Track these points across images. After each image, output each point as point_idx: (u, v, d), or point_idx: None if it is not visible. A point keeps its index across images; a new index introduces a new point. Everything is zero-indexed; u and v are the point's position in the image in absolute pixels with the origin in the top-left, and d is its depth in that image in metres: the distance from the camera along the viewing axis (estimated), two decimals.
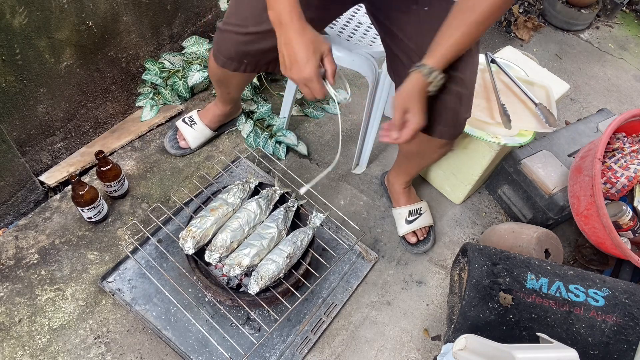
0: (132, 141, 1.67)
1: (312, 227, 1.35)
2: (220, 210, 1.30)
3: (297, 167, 1.72)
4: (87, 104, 1.54)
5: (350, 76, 2.02)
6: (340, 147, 1.07)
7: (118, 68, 1.59)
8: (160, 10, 1.61)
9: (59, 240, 1.42)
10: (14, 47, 1.21)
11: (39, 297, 1.31)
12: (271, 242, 1.27)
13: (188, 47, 1.73)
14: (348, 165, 1.76)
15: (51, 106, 1.42)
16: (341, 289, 1.45)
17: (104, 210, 1.44)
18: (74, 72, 1.42)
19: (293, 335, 1.34)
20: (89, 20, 1.38)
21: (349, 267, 1.49)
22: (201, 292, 1.35)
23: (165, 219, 1.42)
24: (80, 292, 1.33)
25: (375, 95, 1.51)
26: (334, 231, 1.51)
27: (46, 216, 1.46)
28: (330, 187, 1.69)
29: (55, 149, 1.52)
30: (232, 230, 1.26)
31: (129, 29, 1.53)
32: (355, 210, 1.65)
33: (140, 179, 1.58)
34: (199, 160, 1.66)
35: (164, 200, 1.53)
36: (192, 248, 1.24)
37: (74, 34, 1.35)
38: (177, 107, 1.78)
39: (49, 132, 1.47)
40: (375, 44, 1.41)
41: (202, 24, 1.82)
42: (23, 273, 1.34)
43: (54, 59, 1.34)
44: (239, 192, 1.35)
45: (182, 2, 1.68)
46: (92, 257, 1.40)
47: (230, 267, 1.21)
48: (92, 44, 1.43)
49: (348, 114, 1.93)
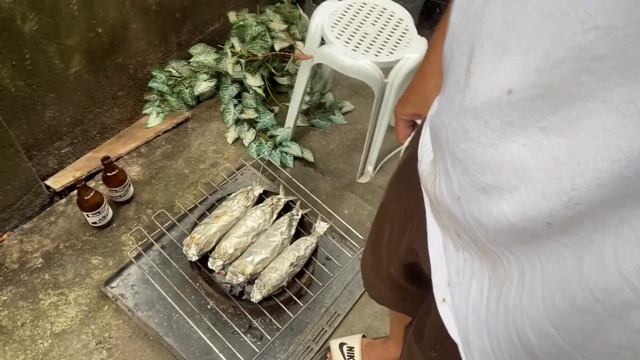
0: (138, 147, 1.68)
1: (316, 235, 1.35)
2: (224, 217, 1.30)
3: (302, 175, 1.72)
4: (94, 110, 1.55)
5: (356, 86, 2.03)
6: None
7: (126, 74, 1.60)
8: (169, 18, 1.63)
9: (64, 244, 1.42)
10: (23, 53, 1.22)
11: (42, 301, 1.31)
12: (275, 250, 1.27)
13: (196, 55, 1.74)
14: (353, 174, 1.76)
15: (59, 111, 1.43)
16: (344, 299, 1.44)
17: (108, 216, 1.44)
18: (82, 78, 1.44)
19: (295, 345, 1.33)
20: (99, 27, 1.39)
21: (352, 277, 1.48)
22: (204, 299, 1.34)
23: (169, 225, 1.42)
24: (83, 296, 1.33)
25: (381, 105, 1.51)
26: (338, 240, 1.50)
27: (51, 220, 1.46)
28: (334, 196, 1.69)
29: (61, 154, 1.53)
30: (236, 237, 1.26)
31: (137, 36, 1.55)
32: (360, 220, 1.64)
33: (146, 184, 1.59)
34: (204, 167, 1.67)
35: (168, 207, 1.54)
36: (195, 255, 1.24)
37: (84, 40, 1.37)
38: (184, 113, 1.79)
39: (56, 136, 1.48)
40: (381, 54, 1.42)
41: (210, 32, 1.83)
42: (27, 277, 1.35)
43: (63, 65, 1.35)
44: (244, 200, 1.35)
45: (190, 11, 1.69)
46: (95, 262, 1.40)
47: (233, 274, 1.21)
48: (101, 50, 1.45)
49: (354, 123, 1.94)
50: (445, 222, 0.48)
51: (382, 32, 1.47)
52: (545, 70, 0.30)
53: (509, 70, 0.32)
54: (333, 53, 1.40)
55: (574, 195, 0.30)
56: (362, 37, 1.45)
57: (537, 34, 0.30)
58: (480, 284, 0.43)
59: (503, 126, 0.34)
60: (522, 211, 0.33)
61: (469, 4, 0.37)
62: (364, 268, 0.96)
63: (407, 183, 0.61)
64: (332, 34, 1.43)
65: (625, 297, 0.29)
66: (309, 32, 1.47)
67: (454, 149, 0.39)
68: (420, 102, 0.74)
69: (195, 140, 1.75)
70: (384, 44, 1.44)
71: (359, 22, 1.49)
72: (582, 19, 0.27)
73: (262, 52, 1.71)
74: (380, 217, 0.82)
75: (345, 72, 1.41)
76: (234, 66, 1.69)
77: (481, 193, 0.37)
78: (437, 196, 0.46)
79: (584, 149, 0.29)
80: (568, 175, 0.30)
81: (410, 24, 1.51)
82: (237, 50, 1.71)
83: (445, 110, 0.41)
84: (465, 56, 0.37)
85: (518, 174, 0.33)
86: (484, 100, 0.35)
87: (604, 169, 0.28)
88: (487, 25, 0.34)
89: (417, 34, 1.49)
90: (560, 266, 0.33)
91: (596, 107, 0.28)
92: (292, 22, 1.80)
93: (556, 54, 0.29)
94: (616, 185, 0.28)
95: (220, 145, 1.74)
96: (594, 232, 0.30)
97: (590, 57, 0.27)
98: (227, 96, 1.77)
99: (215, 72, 1.78)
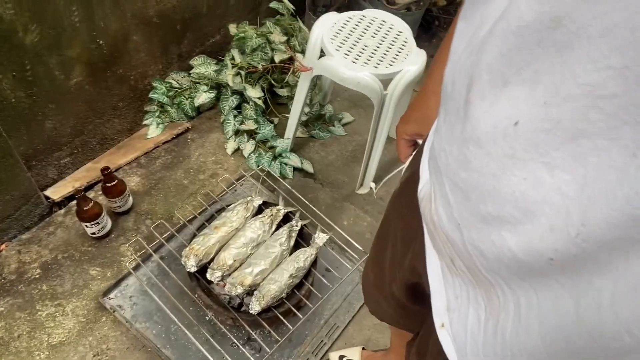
0: (138, 158, 1.68)
1: (315, 247, 1.35)
2: (223, 228, 1.30)
3: (301, 186, 1.72)
4: (94, 120, 1.56)
5: (355, 97, 2.04)
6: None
7: (126, 85, 1.61)
8: (170, 30, 1.64)
9: (62, 255, 1.41)
10: (24, 64, 1.23)
11: (39, 312, 1.30)
12: (274, 261, 1.26)
13: (196, 66, 1.75)
14: (352, 185, 1.76)
15: (59, 122, 1.43)
16: (344, 311, 1.43)
17: (107, 226, 1.44)
18: (83, 89, 1.44)
19: (294, 357, 1.32)
20: (100, 39, 1.40)
21: (352, 289, 1.48)
22: (202, 311, 1.33)
23: (168, 236, 1.42)
24: (80, 308, 1.33)
25: (380, 117, 1.52)
26: (337, 252, 1.50)
27: (50, 231, 1.46)
28: (334, 207, 1.69)
29: (61, 164, 1.53)
30: (235, 248, 1.26)
31: (138, 47, 1.56)
32: (359, 231, 1.64)
33: (145, 195, 1.59)
34: (204, 177, 1.67)
35: (167, 217, 1.54)
36: (194, 266, 1.23)
37: (85, 52, 1.38)
38: (184, 124, 1.79)
39: (56, 147, 1.48)
40: (381, 66, 1.42)
41: (211, 44, 1.85)
42: (24, 288, 1.34)
43: (63, 76, 1.36)
44: (243, 211, 1.35)
45: (191, 23, 1.71)
46: (94, 273, 1.39)
47: (232, 286, 1.21)
48: (102, 61, 1.46)
49: (353, 135, 1.94)
50: (440, 247, 0.47)
51: (382, 45, 1.48)
52: (554, 104, 0.29)
53: (514, 102, 0.32)
54: (333, 65, 1.41)
55: (582, 231, 0.29)
56: (362, 50, 1.46)
57: (541, 69, 0.30)
58: (477, 311, 0.43)
59: (505, 158, 0.33)
60: (527, 244, 0.33)
61: (472, 33, 0.37)
62: (365, 284, 0.95)
63: (410, 200, 0.61)
64: (332, 46, 1.44)
65: (624, 343, 0.29)
66: (308, 44, 1.48)
67: (455, 176, 0.39)
68: (423, 120, 0.74)
69: (195, 151, 1.75)
70: (383, 56, 1.45)
71: (359, 35, 1.50)
72: (594, 57, 0.27)
73: (262, 64, 1.72)
74: (383, 233, 0.81)
75: (344, 83, 1.42)
76: (234, 77, 1.70)
77: (482, 222, 0.37)
78: (434, 221, 0.45)
79: (594, 186, 0.28)
80: (579, 210, 0.29)
81: (409, 36, 1.52)
82: (238, 62, 1.72)
83: (446, 137, 0.41)
84: (465, 86, 0.37)
85: (520, 207, 0.33)
86: (487, 130, 0.34)
87: (617, 207, 0.27)
88: (487, 57, 0.34)
89: (416, 46, 1.50)
90: (557, 303, 0.33)
91: (604, 145, 0.27)
92: (292, 35, 1.81)
93: (566, 89, 0.29)
94: (627, 226, 0.27)
95: (219, 156, 1.75)
96: (595, 276, 0.30)
97: (601, 95, 0.27)
98: (227, 107, 1.77)
99: (215, 83, 1.79)
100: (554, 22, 0.28)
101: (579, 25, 0.27)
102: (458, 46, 0.40)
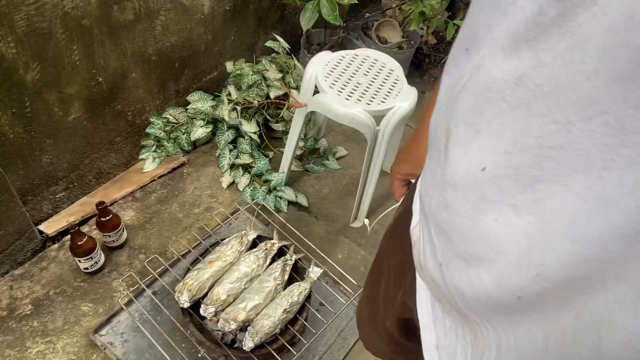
0: (134, 192, 1.69)
1: (309, 281, 1.34)
2: (217, 263, 1.30)
3: (295, 219, 1.73)
4: (91, 155, 1.57)
5: (349, 132, 2.08)
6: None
7: (124, 121, 1.64)
8: (168, 68, 1.68)
9: (54, 291, 1.40)
10: (24, 101, 1.25)
11: (29, 349, 1.28)
12: (268, 296, 1.26)
13: (193, 102, 1.79)
14: (346, 218, 1.77)
15: (56, 157, 1.45)
16: (338, 346, 1.42)
17: (100, 261, 1.43)
18: (80, 125, 1.47)
19: None
20: (99, 76, 1.43)
21: (346, 324, 1.46)
22: (195, 348, 1.32)
23: (161, 271, 1.41)
24: (71, 345, 1.31)
25: (373, 151, 1.54)
26: (331, 285, 1.49)
27: (42, 266, 1.45)
28: (328, 240, 1.69)
29: (56, 199, 1.54)
30: (229, 283, 1.25)
31: (137, 84, 1.59)
32: (353, 264, 1.64)
33: (139, 229, 1.59)
34: (199, 211, 1.68)
35: (161, 252, 1.53)
36: (187, 301, 1.22)
37: (84, 89, 1.41)
38: (180, 158, 1.81)
39: (52, 181, 1.49)
40: (373, 103, 1.46)
41: (208, 80, 1.89)
42: (15, 324, 1.32)
43: (62, 112, 1.38)
44: (237, 245, 1.35)
45: (189, 61, 1.75)
46: (85, 309, 1.38)
47: (225, 322, 1.20)
48: (101, 98, 1.48)
49: (347, 168, 1.97)
50: (429, 287, 0.49)
51: (374, 82, 1.52)
52: (513, 153, 0.32)
53: (483, 150, 0.35)
54: (327, 101, 1.45)
55: (542, 271, 0.31)
56: (355, 87, 1.50)
57: (505, 121, 0.33)
58: (464, 349, 0.44)
59: (478, 201, 0.36)
60: (498, 281, 0.35)
61: (452, 86, 0.40)
62: (359, 319, 0.95)
63: (403, 236, 0.62)
64: (326, 84, 1.48)
65: None
66: (303, 81, 1.52)
67: (437, 218, 0.41)
68: (415, 161, 0.78)
69: (190, 185, 1.76)
70: (375, 93, 1.49)
71: (352, 73, 1.54)
72: (543, 112, 0.30)
73: (257, 100, 1.76)
74: (377, 268, 0.82)
75: (338, 119, 1.45)
76: (230, 113, 1.73)
77: (462, 262, 0.39)
78: (420, 261, 0.47)
79: (552, 228, 0.31)
80: (538, 251, 0.32)
81: (401, 74, 1.57)
82: (234, 98, 1.76)
83: (430, 182, 0.44)
84: (445, 133, 0.40)
85: (493, 246, 0.35)
86: (462, 176, 0.37)
87: (569, 248, 0.29)
88: (461, 108, 0.37)
89: (407, 83, 1.54)
90: (530, 341, 0.35)
91: (558, 191, 0.30)
92: (287, 72, 1.86)
93: (522, 141, 0.32)
94: (578, 266, 0.29)
95: (215, 189, 1.76)
96: (560, 312, 0.32)
97: (550, 146, 0.30)
98: (222, 141, 1.80)
99: (211, 118, 1.82)
100: (517, 80, 0.31)
101: (535, 84, 0.30)
102: (442, 97, 0.43)
